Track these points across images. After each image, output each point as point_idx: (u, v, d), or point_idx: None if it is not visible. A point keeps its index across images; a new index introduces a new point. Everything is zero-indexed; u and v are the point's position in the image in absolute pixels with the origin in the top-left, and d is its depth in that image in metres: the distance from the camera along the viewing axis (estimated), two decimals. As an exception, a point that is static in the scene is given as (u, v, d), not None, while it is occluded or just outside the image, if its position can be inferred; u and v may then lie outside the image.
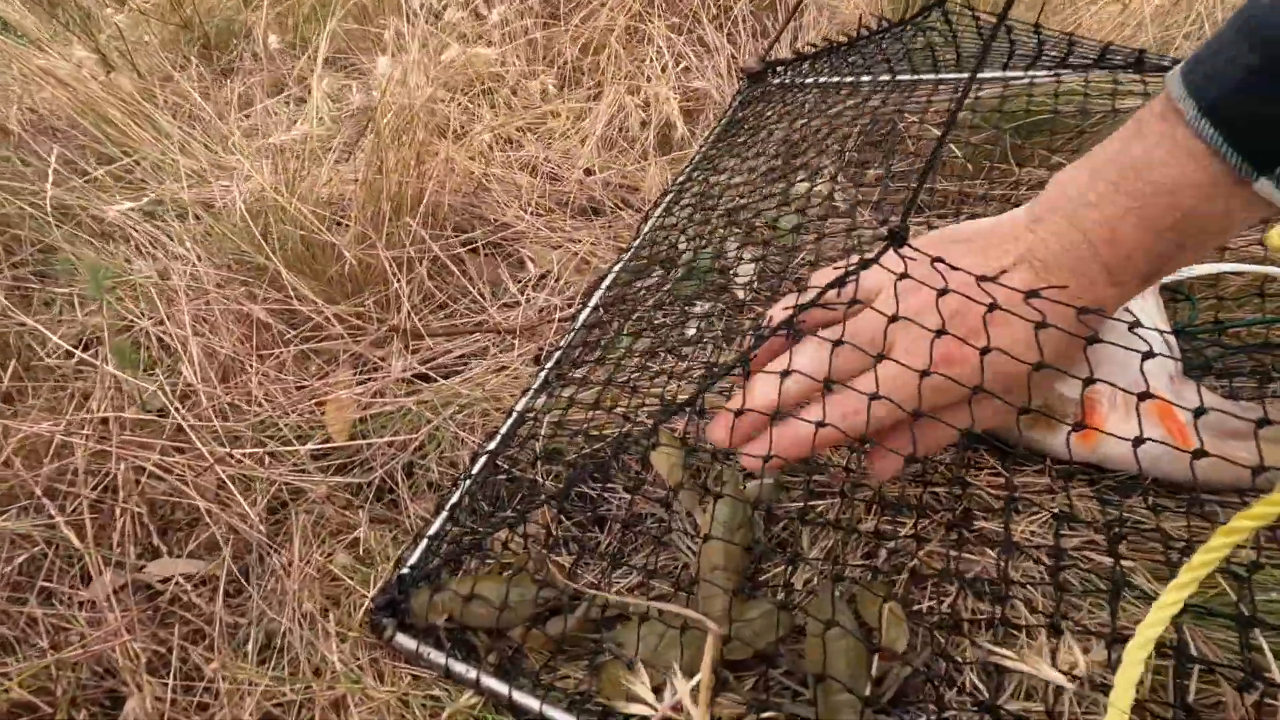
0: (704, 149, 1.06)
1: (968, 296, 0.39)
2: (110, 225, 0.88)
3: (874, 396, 0.38)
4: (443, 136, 0.94)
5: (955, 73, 1.02)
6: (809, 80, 1.13)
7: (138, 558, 0.58)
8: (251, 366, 0.71)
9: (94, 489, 0.58)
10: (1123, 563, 0.45)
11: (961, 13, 0.91)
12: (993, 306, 0.38)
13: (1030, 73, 0.98)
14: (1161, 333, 0.55)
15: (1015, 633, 0.44)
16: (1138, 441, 0.40)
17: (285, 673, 0.52)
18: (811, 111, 1.06)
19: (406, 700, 0.49)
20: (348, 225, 0.82)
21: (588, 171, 1.05)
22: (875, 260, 0.47)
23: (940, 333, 0.38)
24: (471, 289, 0.85)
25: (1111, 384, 0.41)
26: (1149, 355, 0.42)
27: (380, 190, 0.82)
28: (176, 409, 0.64)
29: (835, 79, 1.11)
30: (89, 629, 0.52)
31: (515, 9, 1.30)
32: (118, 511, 0.57)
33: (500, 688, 0.49)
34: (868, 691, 0.41)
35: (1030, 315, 0.38)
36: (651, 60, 1.15)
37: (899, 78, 1.05)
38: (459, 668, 0.51)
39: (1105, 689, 0.40)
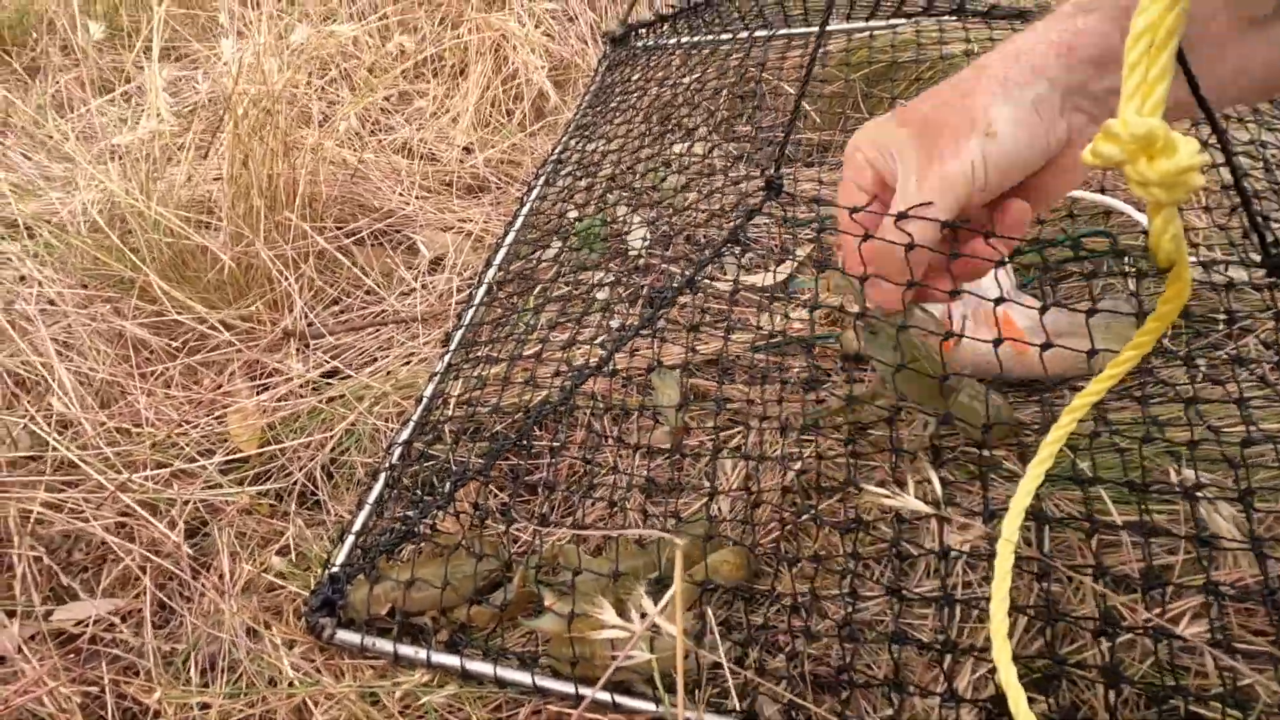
0: (577, 117, 1.07)
1: None
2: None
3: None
4: (307, 124, 0.90)
5: (804, 26, 1.08)
6: (671, 41, 1.17)
7: (42, 603, 0.54)
8: (135, 387, 0.67)
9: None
10: (991, 452, 0.53)
11: None
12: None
13: (869, 24, 1.07)
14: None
15: (915, 520, 0.51)
16: (996, 343, 0.47)
17: (238, 689, 0.51)
18: (679, 71, 1.09)
19: (374, 694, 0.49)
20: (218, 225, 0.77)
21: (467, 149, 1.04)
22: (759, 210, 0.51)
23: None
24: (365, 280, 0.83)
25: (972, 293, 0.48)
26: (1001, 263, 0.49)
27: (249, 185, 0.77)
28: (57, 442, 0.59)
29: (695, 38, 1.15)
30: (2, 686, 0.49)
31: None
32: (15, 559, 0.53)
33: (451, 661, 0.50)
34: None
35: None
36: (514, 30, 1.14)
37: (755, 34, 1.11)
38: (407, 651, 0.52)
39: (986, 556, 0.48)
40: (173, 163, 0.83)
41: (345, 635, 0.53)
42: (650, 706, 0.44)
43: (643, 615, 0.36)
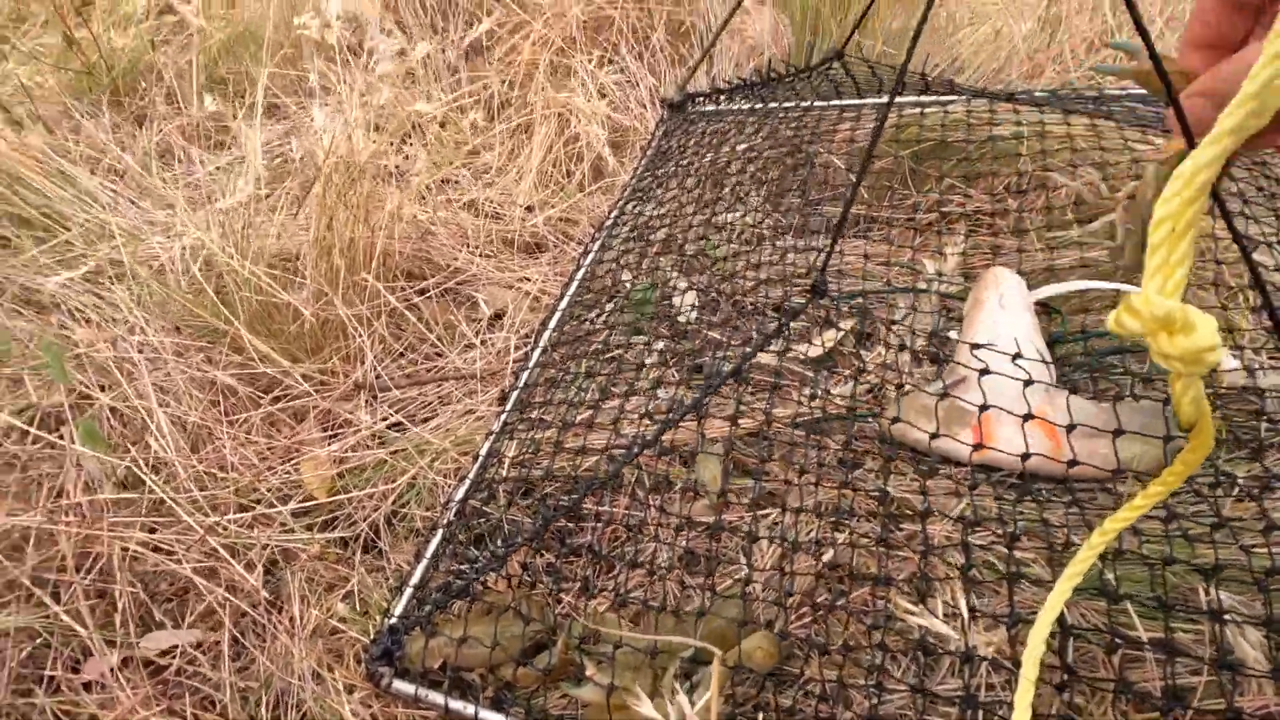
0: (634, 181, 1.13)
1: None
2: (49, 296, 0.86)
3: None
4: (386, 183, 0.97)
5: (855, 99, 1.12)
6: (726, 108, 1.22)
7: (136, 633, 0.60)
8: (223, 433, 0.73)
9: (85, 573, 0.60)
10: (1018, 554, 0.55)
11: (858, 64, 1.01)
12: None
13: (921, 98, 1.10)
14: (1039, 353, 0.66)
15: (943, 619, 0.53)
16: (1024, 457, 0.49)
17: (303, 727, 0.55)
18: (732, 138, 1.14)
19: (425, 739, 0.53)
20: (301, 282, 0.84)
21: (529, 208, 1.10)
22: (802, 310, 0.55)
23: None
24: (429, 335, 0.89)
25: (1000, 408, 0.50)
26: (1029, 383, 0.52)
27: (331, 246, 0.84)
28: (155, 484, 0.66)
29: (750, 105, 1.20)
30: (101, 711, 0.54)
31: (438, 44, 1.33)
32: (117, 594, 0.59)
33: (497, 718, 0.54)
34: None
35: None
36: (577, 94, 1.21)
37: (805, 103, 1.15)
38: (457, 705, 0.56)
39: (1008, 662, 0.50)
40: (262, 214, 0.91)
41: (401, 685, 0.58)
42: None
43: (676, 696, 0.39)
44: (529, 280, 0.98)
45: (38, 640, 0.57)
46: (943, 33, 1.27)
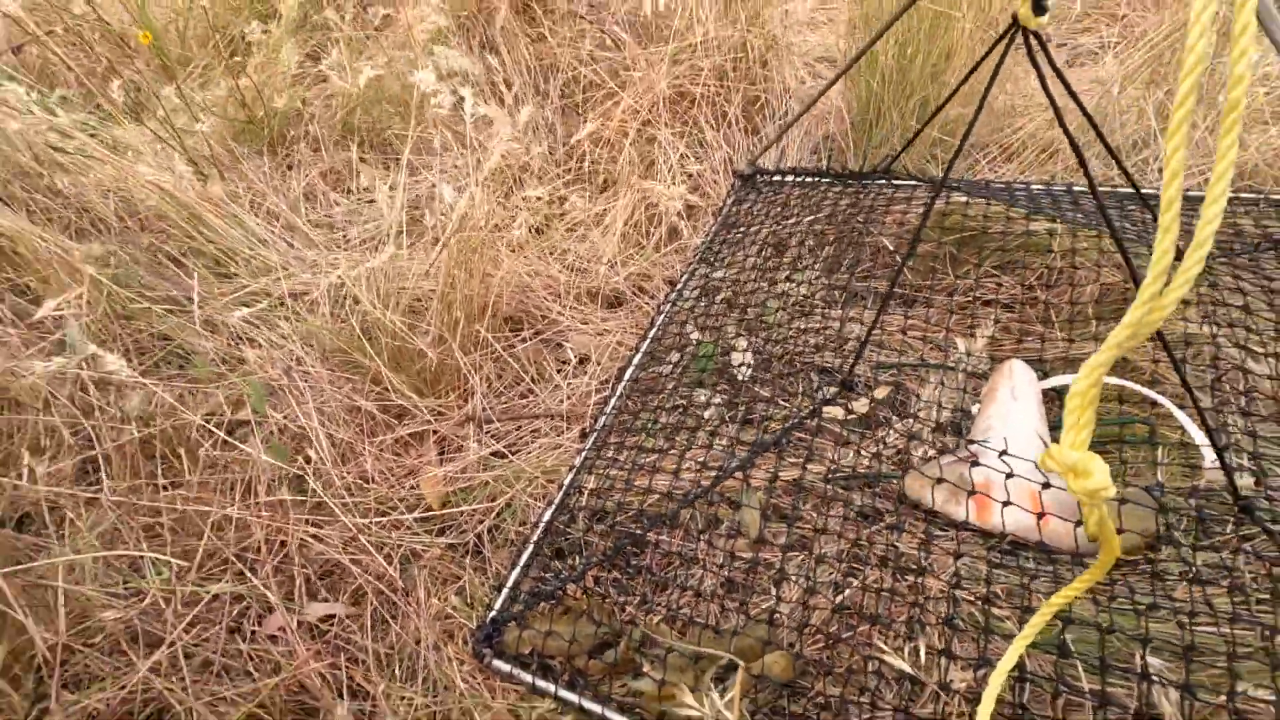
0: (705, 244, 1.28)
1: None
2: (227, 327, 1.08)
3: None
4: (498, 243, 1.15)
5: (907, 180, 1.25)
6: (789, 179, 1.36)
7: (304, 603, 0.80)
8: (365, 450, 0.93)
9: (272, 555, 0.80)
10: (995, 612, 0.68)
11: (904, 175, 1.15)
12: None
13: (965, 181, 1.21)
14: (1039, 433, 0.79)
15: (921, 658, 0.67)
16: (1002, 536, 0.63)
17: (428, 688, 0.73)
18: (795, 211, 1.29)
19: (518, 713, 0.71)
20: (426, 328, 1.04)
21: (610, 264, 1.27)
22: (832, 401, 0.69)
23: None
24: (524, 377, 1.07)
25: (988, 495, 0.64)
26: (1009, 476, 0.65)
27: (453, 301, 1.03)
28: (320, 491, 0.86)
29: (810, 179, 1.34)
30: (284, 659, 0.74)
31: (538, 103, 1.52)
32: (294, 572, 0.78)
33: (572, 697, 0.71)
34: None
35: None
36: (658, 163, 1.37)
37: (864, 183, 1.28)
38: (541, 684, 0.73)
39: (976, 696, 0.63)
40: (403, 273, 1.11)
41: (498, 664, 0.75)
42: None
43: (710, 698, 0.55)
44: (608, 333, 1.15)
45: (243, 603, 0.77)
46: (999, 118, 1.38)
